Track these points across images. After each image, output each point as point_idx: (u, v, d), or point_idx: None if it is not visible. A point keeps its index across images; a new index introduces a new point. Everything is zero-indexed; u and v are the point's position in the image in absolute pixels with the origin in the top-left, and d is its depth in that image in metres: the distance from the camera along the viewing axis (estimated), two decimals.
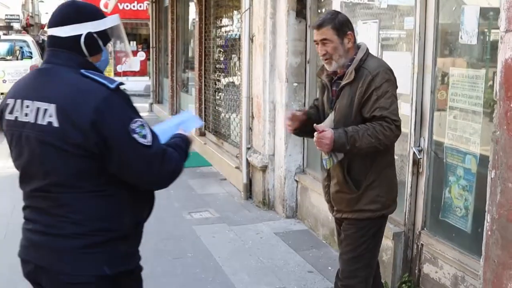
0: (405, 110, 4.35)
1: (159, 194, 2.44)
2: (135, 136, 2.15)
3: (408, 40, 4.34)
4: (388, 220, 4.57)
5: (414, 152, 4.21)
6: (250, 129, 7.15)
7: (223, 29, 9.48)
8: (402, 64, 4.38)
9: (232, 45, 8.86)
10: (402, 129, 4.38)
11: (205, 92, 10.20)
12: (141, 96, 20.40)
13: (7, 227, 5.93)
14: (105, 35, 2.35)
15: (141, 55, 22.25)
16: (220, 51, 9.56)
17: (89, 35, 2.27)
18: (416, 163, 4.24)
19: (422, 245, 4.24)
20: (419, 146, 4.21)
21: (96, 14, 2.34)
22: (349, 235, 3.37)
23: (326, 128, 3.14)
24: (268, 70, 6.45)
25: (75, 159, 2.15)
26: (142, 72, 22.61)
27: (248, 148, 7.10)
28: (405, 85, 4.33)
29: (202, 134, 10.01)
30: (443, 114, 4.09)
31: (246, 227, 6.12)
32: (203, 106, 10.21)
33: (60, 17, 2.30)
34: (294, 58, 6.11)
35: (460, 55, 3.99)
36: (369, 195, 3.28)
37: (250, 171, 7.13)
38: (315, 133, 3.13)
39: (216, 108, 9.72)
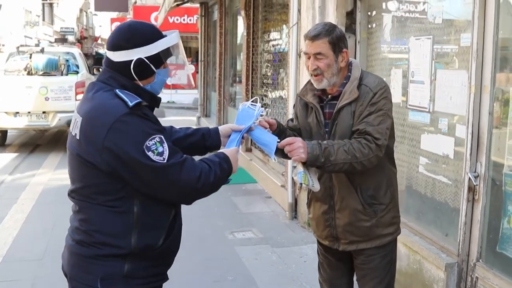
0: (460, 133, 4.09)
1: (203, 211, 2.39)
2: (150, 154, 2.18)
3: (465, 58, 4.07)
4: (440, 249, 4.33)
5: (469, 178, 3.92)
6: None
7: (271, 44, 9.33)
8: (457, 83, 4.13)
9: (280, 60, 8.70)
10: (458, 150, 4.16)
11: None
12: (189, 109, 20.56)
13: (47, 245, 5.87)
14: (158, 58, 2.37)
15: (190, 68, 22.32)
16: (268, 65, 9.41)
17: (139, 61, 2.31)
18: (472, 189, 3.95)
19: (477, 278, 3.93)
20: (475, 171, 3.92)
21: (149, 38, 2.35)
22: (374, 267, 3.13)
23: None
24: None
25: (90, 172, 2.25)
26: (191, 85, 22.71)
27: (294, 166, 6.87)
28: (460, 106, 4.07)
29: (248, 150, 9.86)
30: (503, 137, 3.79)
31: (290, 249, 5.90)
32: None
33: (113, 42, 2.36)
34: None
35: None
36: (387, 218, 3.08)
37: (295, 190, 6.91)
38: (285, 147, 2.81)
39: None
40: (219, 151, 2.56)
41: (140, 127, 2.21)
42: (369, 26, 5.70)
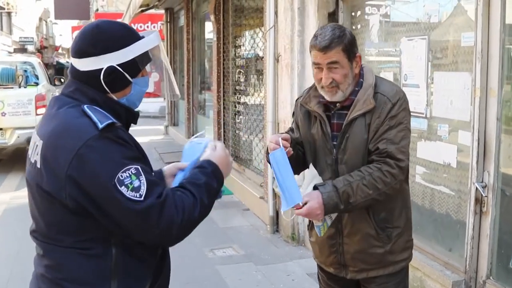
0: (464, 140, 3.79)
1: None
2: (123, 189, 1.75)
3: (466, 59, 3.77)
4: (444, 266, 4.01)
5: (476, 188, 3.62)
6: None
7: (243, 49, 8.96)
8: (459, 87, 3.82)
9: (253, 65, 8.34)
10: (462, 159, 3.85)
11: (224, 115, 9.67)
12: (156, 118, 20.01)
13: (11, 272, 5.38)
14: (134, 65, 1.95)
15: (155, 76, 21.78)
16: (240, 71, 9.03)
17: (110, 69, 1.89)
18: (479, 201, 3.64)
19: None
20: (482, 181, 3.61)
21: (122, 41, 1.91)
22: None
23: (306, 198, 2.50)
24: (297, 93, 5.86)
25: (54, 208, 1.83)
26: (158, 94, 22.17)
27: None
28: (463, 110, 3.77)
29: None
30: None
31: (275, 266, 5.51)
32: (222, 130, 9.68)
33: (77, 48, 1.93)
34: None
35: None
36: (401, 243, 2.72)
37: (276, 202, 6.54)
38: (296, 210, 2.52)
39: (237, 132, 9.18)
40: (204, 159, 2.06)
41: (111, 155, 1.78)
42: (353, 27, 5.38)
